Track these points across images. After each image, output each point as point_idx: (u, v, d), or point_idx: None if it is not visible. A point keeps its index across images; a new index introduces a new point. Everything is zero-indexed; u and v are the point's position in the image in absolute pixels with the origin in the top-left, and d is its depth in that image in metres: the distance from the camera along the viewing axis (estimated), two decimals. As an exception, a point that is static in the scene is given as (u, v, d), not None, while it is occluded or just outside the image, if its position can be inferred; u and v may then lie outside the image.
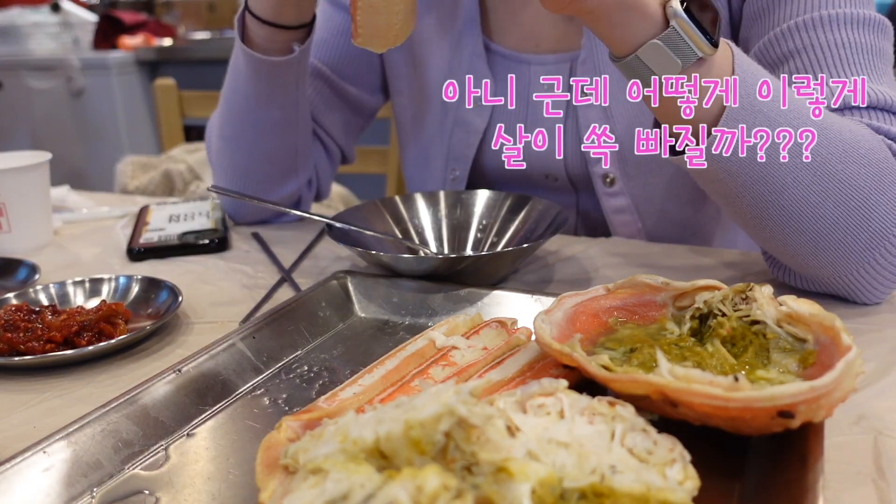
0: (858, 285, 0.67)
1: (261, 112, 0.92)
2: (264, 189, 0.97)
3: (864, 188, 0.62)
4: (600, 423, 0.41)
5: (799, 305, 0.48)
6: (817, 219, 0.63)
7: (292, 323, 0.65)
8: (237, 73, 0.92)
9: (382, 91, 1.09)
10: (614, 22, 0.58)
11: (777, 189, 0.62)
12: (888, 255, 0.65)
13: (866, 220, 0.63)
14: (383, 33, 0.63)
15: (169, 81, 1.83)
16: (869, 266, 0.65)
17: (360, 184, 1.98)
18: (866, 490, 0.44)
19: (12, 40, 3.47)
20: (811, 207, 0.63)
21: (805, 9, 0.74)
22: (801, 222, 0.64)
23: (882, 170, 0.64)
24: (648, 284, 0.55)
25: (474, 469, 0.37)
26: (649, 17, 0.58)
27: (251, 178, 0.96)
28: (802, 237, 0.64)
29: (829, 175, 0.62)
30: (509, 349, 0.55)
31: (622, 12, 0.58)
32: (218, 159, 0.99)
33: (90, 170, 3.16)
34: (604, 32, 0.60)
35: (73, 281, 0.77)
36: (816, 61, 0.72)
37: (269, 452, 0.44)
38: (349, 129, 1.07)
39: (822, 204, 0.62)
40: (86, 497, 0.46)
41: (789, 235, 0.65)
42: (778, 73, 0.75)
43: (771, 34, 0.76)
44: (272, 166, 0.96)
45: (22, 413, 0.57)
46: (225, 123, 0.96)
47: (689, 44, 0.58)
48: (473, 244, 0.86)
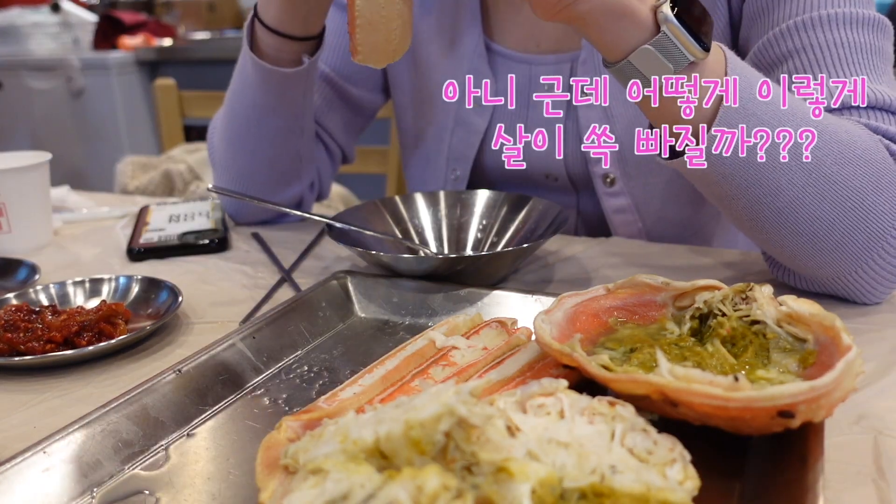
0: (858, 285, 0.67)
1: (266, 120, 0.92)
2: (266, 192, 0.97)
3: (860, 189, 0.62)
4: (600, 423, 0.41)
5: (799, 305, 0.48)
6: (813, 220, 0.63)
7: (292, 323, 0.65)
8: (244, 81, 0.92)
9: (383, 91, 1.09)
10: (605, 28, 0.59)
11: (772, 191, 0.62)
12: (887, 256, 0.65)
13: (863, 220, 0.63)
14: (382, 49, 0.63)
15: (169, 81, 1.83)
16: (867, 266, 0.65)
17: (360, 184, 1.98)
18: (866, 490, 0.44)
19: (12, 40, 3.47)
20: (806, 209, 0.63)
21: (804, 8, 0.74)
22: (797, 224, 0.64)
23: (880, 171, 0.63)
24: (648, 284, 0.55)
25: (474, 469, 0.37)
26: (640, 23, 0.58)
27: (254, 182, 0.96)
28: (799, 238, 0.64)
29: (824, 177, 0.62)
30: (509, 349, 0.55)
31: (613, 18, 0.58)
32: (220, 161, 0.99)
33: (90, 170, 3.16)
34: (595, 38, 0.60)
35: (73, 281, 0.77)
36: (816, 61, 0.72)
37: (269, 452, 0.44)
38: (350, 129, 1.07)
39: (818, 205, 0.63)
40: (86, 497, 0.46)
41: (786, 237, 0.65)
42: (777, 72, 0.75)
43: (770, 34, 0.76)
44: (275, 171, 0.97)
45: (22, 413, 0.57)
46: (229, 128, 0.96)
47: (681, 48, 0.58)
48: (473, 244, 0.86)
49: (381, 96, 1.09)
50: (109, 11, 3.46)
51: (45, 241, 0.98)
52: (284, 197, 0.99)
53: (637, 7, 0.58)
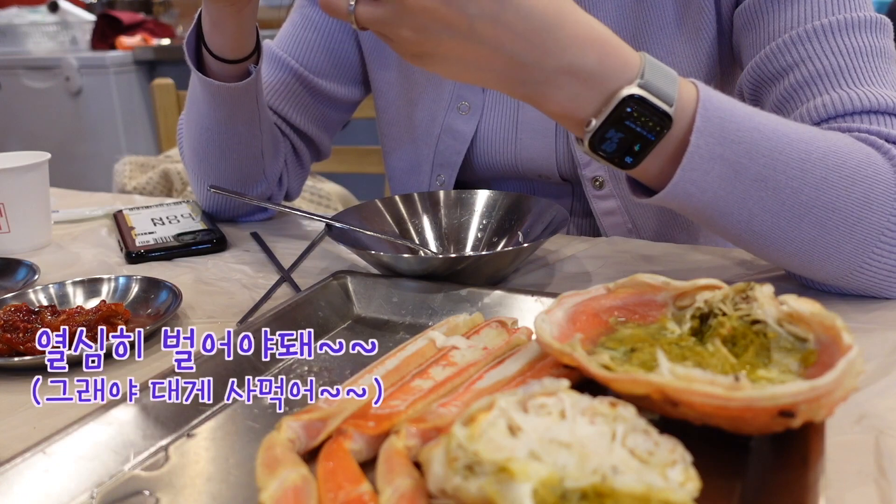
0: (866, 283, 0.66)
1: (227, 130, 0.93)
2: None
3: (843, 210, 0.62)
4: (602, 423, 0.41)
5: (800, 305, 0.48)
6: (791, 241, 0.63)
7: (292, 323, 0.65)
8: (196, 99, 0.93)
9: (361, 84, 1.07)
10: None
11: (746, 219, 0.63)
12: (884, 252, 0.64)
13: (849, 233, 0.63)
14: None
15: (167, 81, 1.83)
16: (866, 265, 0.65)
17: (360, 184, 1.98)
18: (868, 490, 0.44)
19: (10, 40, 3.47)
20: (783, 231, 0.63)
21: (802, 19, 0.74)
22: (777, 243, 0.64)
23: (870, 185, 0.63)
24: (649, 284, 0.55)
25: (476, 468, 0.37)
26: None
27: (223, 184, 0.97)
28: (782, 253, 0.65)
29: (799, 204, 0.61)
30: (509, 349, 0.55)
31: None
32: (191, 169, 1.01)
33: (88, 170, 3.15)
34: None
35: (73, 281, 0.77)
36: (817, 72, 0.72)
37: (269, 452, 0.44)
38: (323, 123, 1.06)
39: (797, 226, 0.62)
40: (86, 497, 0.46)
41: (771, 253, 0.66)
42: (780, 85, 0.75)
43: (768, 48, 0.76)
44: (241, 174, 0.97)
45: (22, 413, 0.57)
46: (191, 138, 0.97)
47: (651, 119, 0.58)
48: (473, 244, 0.86)
49: (357, 90, 1.07)
50: (107, 11, 3.45)
51: (45, 242, 0.98)
52: (252, 195, 1.00)
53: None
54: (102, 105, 3.13)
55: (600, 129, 0.59)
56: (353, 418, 0.48)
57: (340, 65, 1.03)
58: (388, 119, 1.06)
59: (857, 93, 0.69)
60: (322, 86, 1.03)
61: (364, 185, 2.02)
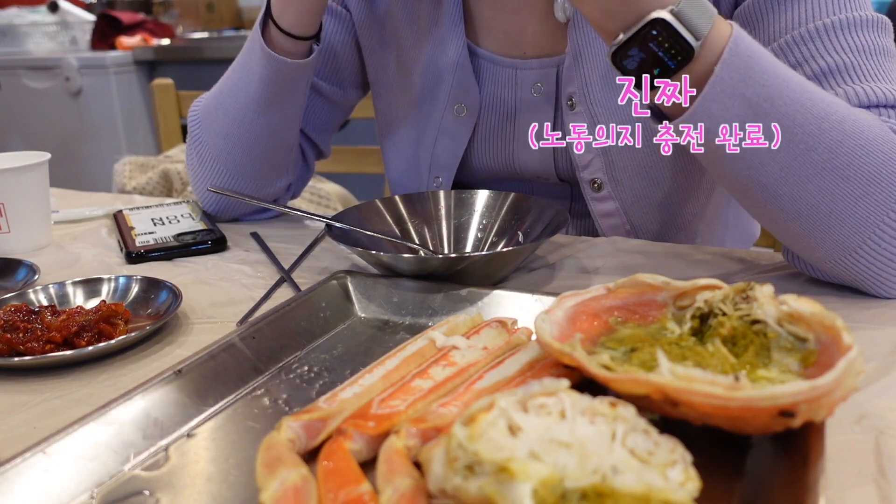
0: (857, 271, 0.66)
1: (266, 114, 0.93)
2: (257, 187, 0.98)
3: (852, 179, 0.63)
4: (602, 423, 0.41)
5: (800, 304, 0.48)
6: (796, 200, 0.64)
7: (292, 323, 0.65)
8: (249, 77, 0.93)
9: (359, 87, 1.08)
10: None
11: (754, 166, 0.63)
12: (885, 237, 0.64)
13: (853, 207, 0.64)
14: None
15: (167, 81, 1.83)
16: (867, 247, 0.65)
17: (360, 184, 1.98)
18: (868, 489, 0.44)
19: (10, 40, 3.47)
20: (790, 188, 0.64)
21: (804, 19, 0.74)
22: (781, 201, 0.65)
23: (881, 161, 0.63)
24: (649, 284, 0.55)
25: (476, 468, 0.37)
26: None
27: (244, 175, 0.97)
28: (782, 214, 0.66)
29: (811, 163, 0.63)
30: (509, 349, 0.55)
31: None
32: (211, 153, 0.98)
33: (88, 170, 3.15)
34: None
35: (73, 281, 0.77)
36: (821, 70, 0.72)
37: (269, 452, 0.44)
38: (323, 125, 1.07)
39: (803, 187, 0.63)
40: (86, 497, 0.46)
41: (772, 213, 0.67)
42: None
43: (769, 48, 0.76)
44: (268, 164, 0.98)
45: (22, 413, 0.57)
46: (224, 122, 0.96)
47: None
48: (473, 244, 0.86)
49: (355, 92, 1.08)
50: (107, 11, 3.45)
51: (45, 242, 0.98)
52: (271, 190, 1.00)
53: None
54: (102, 105, 3.13)
55: (625, 45, 0.62)
56: (353, 418, 0.48)
57: (339, 67, 1.04)
58: (387, 120, 1.06)
59: (864, 88, 0.70)
60: (320, 87, 1.03)
61: (364, 185, 2.01)
